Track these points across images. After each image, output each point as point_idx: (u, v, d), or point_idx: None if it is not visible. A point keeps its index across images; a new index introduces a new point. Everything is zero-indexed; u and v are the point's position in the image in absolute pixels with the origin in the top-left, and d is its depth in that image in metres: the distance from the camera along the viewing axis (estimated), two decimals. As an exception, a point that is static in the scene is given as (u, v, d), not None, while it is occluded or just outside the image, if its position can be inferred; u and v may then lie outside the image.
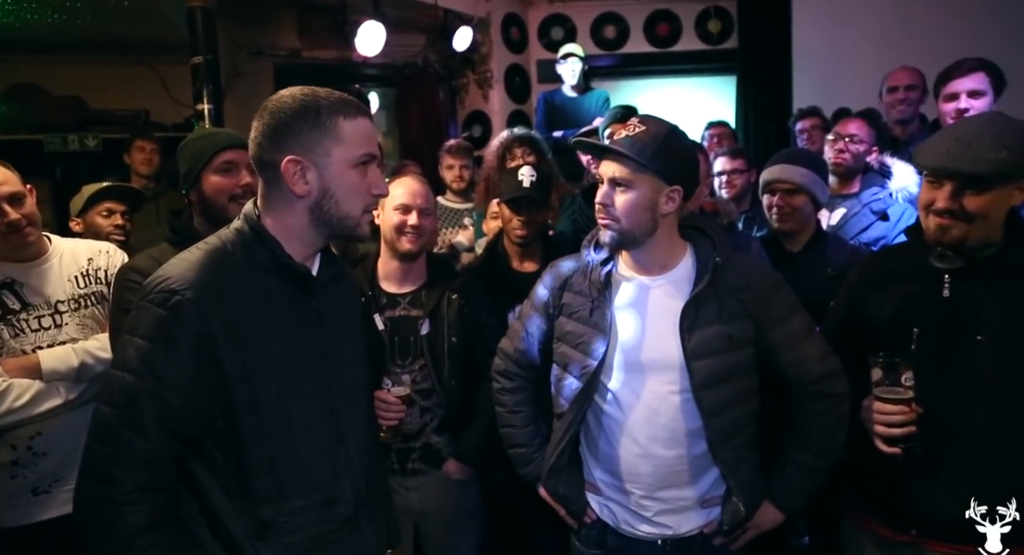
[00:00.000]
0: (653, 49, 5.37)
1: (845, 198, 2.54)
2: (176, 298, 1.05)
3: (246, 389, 1.09)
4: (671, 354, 1.45)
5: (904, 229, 1.62)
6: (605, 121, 3.22)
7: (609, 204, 1.44)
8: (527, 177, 2.16)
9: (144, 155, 3.62)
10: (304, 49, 4.82)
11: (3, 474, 1.77)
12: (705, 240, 1.52)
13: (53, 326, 1.83)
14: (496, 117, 5.21)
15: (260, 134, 1.14)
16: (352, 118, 1.15)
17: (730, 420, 1.46)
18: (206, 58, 3.38)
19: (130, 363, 1.05)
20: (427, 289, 1.98)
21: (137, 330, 1.07)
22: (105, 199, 2.62)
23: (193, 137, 1.76)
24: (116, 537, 1.03)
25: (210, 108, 3.39)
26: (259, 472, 1.11)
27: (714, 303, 1.45)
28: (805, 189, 2.14)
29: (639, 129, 1.43)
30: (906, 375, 1.36)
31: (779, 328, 1.47)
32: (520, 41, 5.35)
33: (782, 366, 1.49)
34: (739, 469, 1.48)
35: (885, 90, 3.04)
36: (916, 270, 1.47)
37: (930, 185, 1.40)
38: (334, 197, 1.15)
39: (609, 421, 1.52)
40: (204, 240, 1.19)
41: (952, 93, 2.46)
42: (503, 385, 1.76)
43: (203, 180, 1.66)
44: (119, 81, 4.53)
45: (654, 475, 1.49)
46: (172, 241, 1.64)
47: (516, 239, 2.20)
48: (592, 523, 1.61)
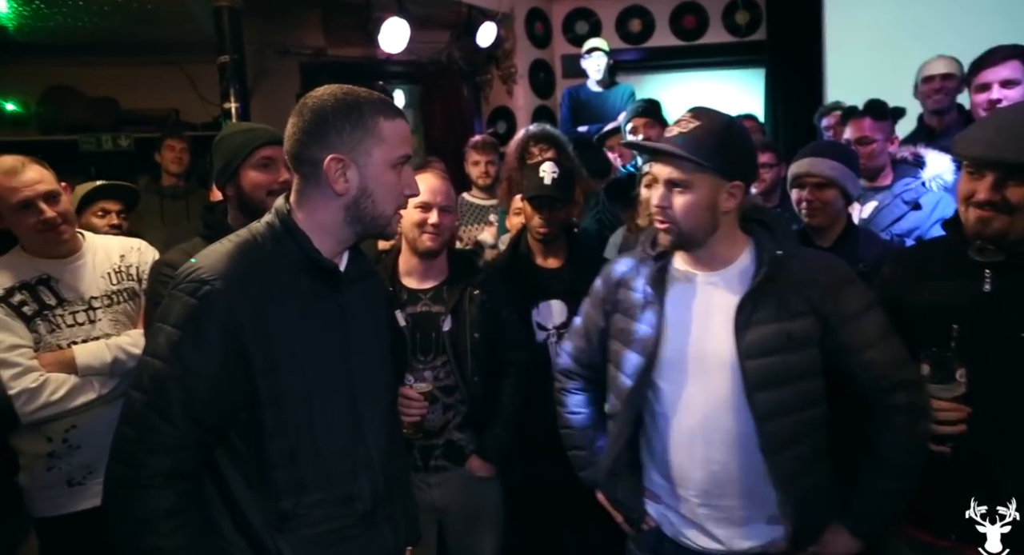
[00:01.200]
0: (679, 42, 5.30)
1: (877, 191, 2.48)
2: (206, 288, 1.06)
3: (269, 381, 1.10)
4: (724, 352, 1.37)
5: (942, 222, 1.56)
6: (627, 115, 3.20)
7: (667, 206, 1.37)
8: (548, 174, 2.15)
9: (174, 154, 3.68)
10: (329, 47, 4.87)
11: (40, 465, 1.82)
12: (766, 233, 1.43)
13: (87, 322, 1.87)
14: (521, 113, 5.20)
15: (300, 131, 1.14)
16: (392, 119, 1.17)
17: (786, 426, 1.34)
18: (232, 57, 3.44)
19: (159, 350, 1.07)
20: (449, 285, 1.98)
21: (168, 318, 1.08)
22: (98, 199, 2.61)
23: (230, 131, 1.78)
24: (140, 520, 1.05)
25: (237, 106, 3.45)
26: (279, 465, 1.13)
27: (774, 299, 1.35)
28: (836, 182, 2.08)
29: (693, 125, 1.35)
30: (960, 371, 1.32)
31: (850, 327, 1.35)
32: (544, 36, 5.33)
33: (852, 370, 1.36)
34: (794, 482, 1.36)
35: (920, 80, 2.94)
36: (954, 264, 1.42)
37: (970, 176, 1.35)
38: (371, 196, 1.16)
39: (663, 422, 1.45)
40: (235, 233, 1.21)
41: (984, 83, 2.38)
42: (564, 385, 1.71)
43: (241, 175, 1.68)
44: (150, 82, 4.62)
45: (708, 482, 1.41)
46: (205, 236, 1.66)
47: (537, 236, 2.19)
48: (650, 529, 1.55)
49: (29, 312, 1.79)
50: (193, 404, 1.06)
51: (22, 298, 1.79)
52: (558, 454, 2.07)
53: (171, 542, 1.05)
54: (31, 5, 3.59)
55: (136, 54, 4.48)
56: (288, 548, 1.14)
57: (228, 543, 1.14)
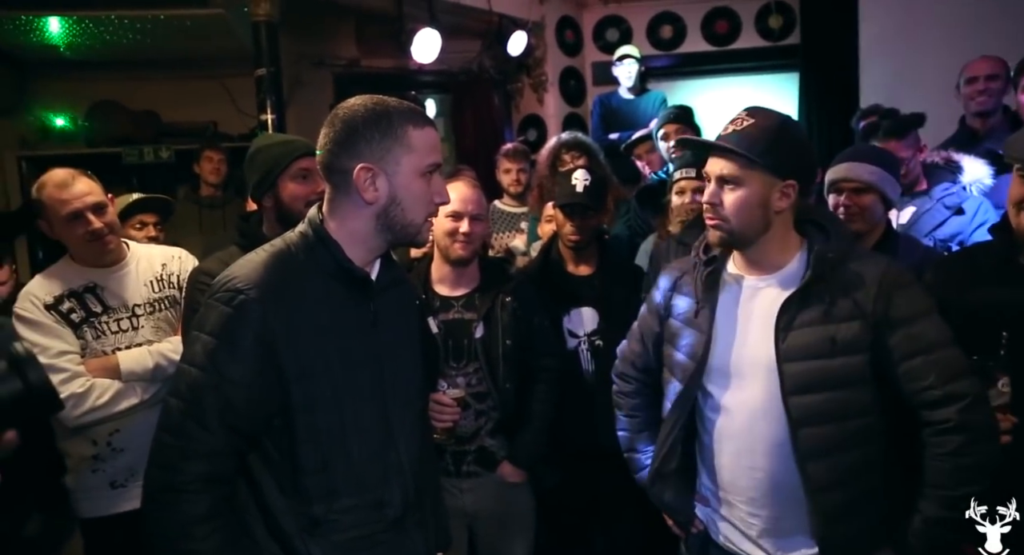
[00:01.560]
0: (711, 48, 5.25)
1: (913, 196, 2.42)
2: (241, 297, 1.09)
3: (302, 389, 1.12)
4: (764, 356, 1.35)
5: (989, 227, 1.51)
6: (659, 122, 3.18)
7: (717, 203, 1.35)
8: (580, 181, 2.15)
9: (212, 165, 3.78)
10: (362, 58, 4.94)
11: (85, 468, 1.87)
12: (821, 235, 1.39)
13: (131, 328, 1.92)
14: (551, 121, 5.21)
15: (331, 141, 1.16)
16: (421, 127, 1.17)
17: (822, 434, 1.29)
18: (269, 70, 3.51)
19: (196, 358, 1.10)
20: (481, 292, 1.99)
21: (204, 327, 1.11)
22: (136, 212, 2.68)
23: (265, 143, 1.81)
24: (177, 524, 1.08)
25: (273, 118, 3.52)
26: (311, 471, 1.14)
27: (820, 301, 1.31)
28: (875, 187, 2.03)
29: (747, 123, 1.34)
30: (1003, 380, 1.29)
31: (900, 332, 1.28)
32: (575, 44, 5.33)
33: (898, 378, 1.29)
34: (826, 494, 1.31)
35: (963, 81, 2.87)
36: (1003, 270, 1.38)
37: (1022, 179, 1.32)
38: (401, 205, 1.17)
39: (711, 427, 1.45)
40: (270, 242, 1.23)
41: None
42: (620, 388, 1.71)
43: (280, 187, 1.72)
44: (190, 95, 4.76)
45: (754, 489, 1.38)
46: (241, 245, 1.70)
47: (569, 243, 2.20)
48: (698, 532, 1.54)
49: (76, 319, 1.85)
50: (229, 411, 1.08)
51: (70, 306, 1.85)
52: (589, 461, 2.07)
53: (207, 546, 1.07)
54: (81, 24, 3.73)
55: (177, 69, 4.62)
56: (320, 553, 1.15)
57: (261, 548, 1.15)
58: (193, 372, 1.09)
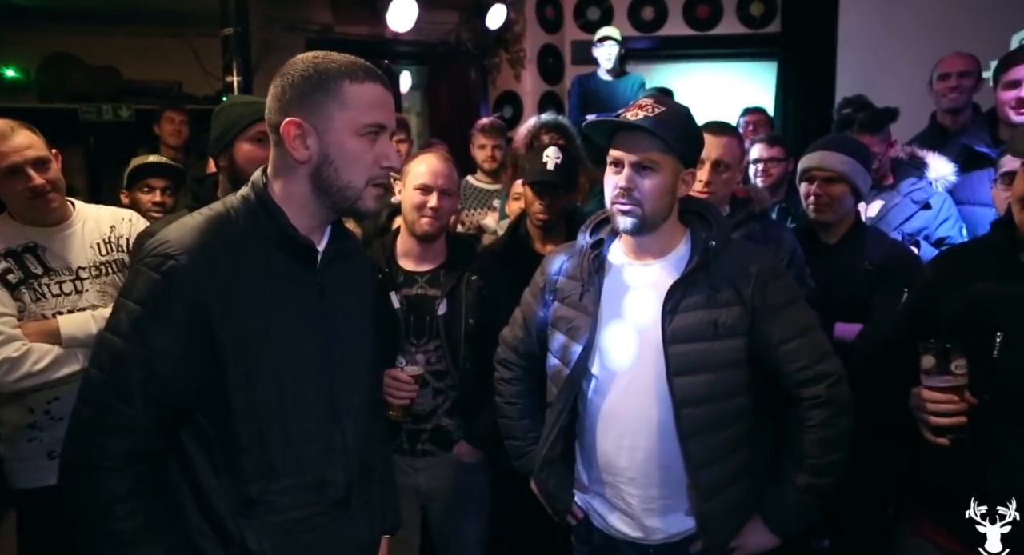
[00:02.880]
0: (692, 32, 5.21)
1: (880, 190, 2.43)
2: (171, 263, 1.01)
3: (239, 363, 1.05)
4: (652, 338, 1.38)
5: (991, 222, 1.51)
6: (637, 104, 3.13)
7: (633, 188, 1.36)
8: (552, 159, 2.10)
9: (173, 126, 3.63)
10: (336, 24, 4.80)
11: (21, 436, 1.79)
12: (703, 224, 1.45)
13: (74, 292, 1.83)
14: (528, 98, 5.13)
15: (271, 97, 1.10)
16: (359, 82, 1.08)
17: (703, 414, 1.36)
18: (236, 30, 3.39)
19: (120, 327, 1.02)
20: (446, 269, 1.94)
21: (130, 293, 1.03)
22: (145, 176, 2.59)
23: (232, 102, 1.74)
24: (95, 503, 1.01)
25: (239, 80, 3.41)
26: (248, 448, 1.08)
27: (704, 288, 1.37)
28: (846, 178, 2.04)
29: (659, 109, 1.35)
30: (957, 363, 1.29)
31: (775, 318, 1.37)
32: (555, 21, 5.24)
33: (774, 360, 1.38)
34: (704, 469, 1.37)
35: (936, 77, 2.88)
36: (1003, 267, 1.36)
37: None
38: (334, 164, 1.09)
39: (593, 409, 1.46)
40: (208, 206, 1.15)
41: (1014, 80, 2.32)
42: (501, 375, 1.71)
43: (236, 147, 1.63)
44: (153, 52, 4.55)
45: (635, 469, 1.42)
46: (194, 208, 1.62)
47: (537, 222, 2.16)
48: (580, 521, 1.56)
49: (14, 280, 1.75)
50: (154, 385, 1.02)
51: (7, 266, 1.75)
52: None
53: (128, 525, 1.01)
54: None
55: (140, 23, 4.42)
56: (253, 535, 1.09)
57: (193, 528, 1.09)
58: (116, 341, 1.02)
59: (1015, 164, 1.76)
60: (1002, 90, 2.39)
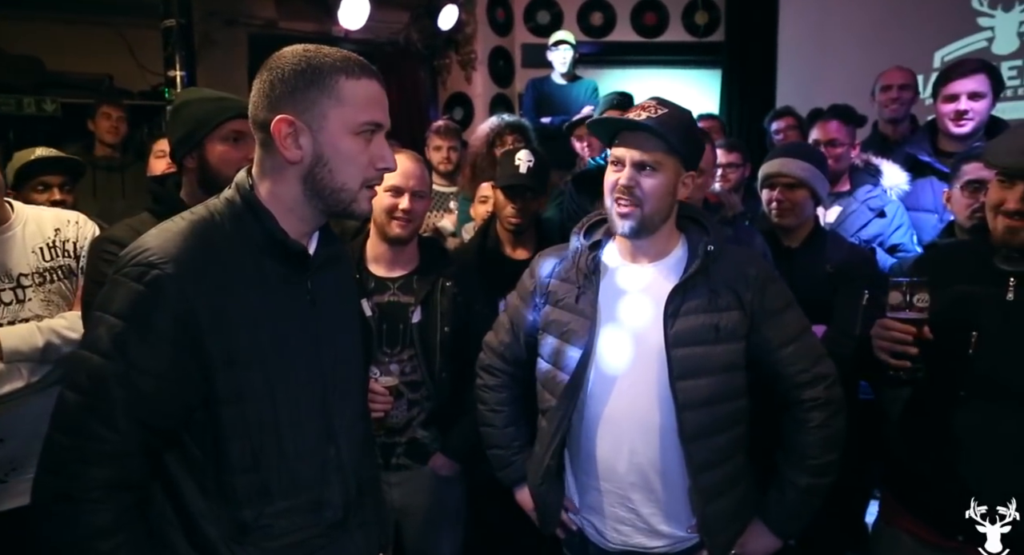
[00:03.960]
0: (639, 38, 5.32)
1: (838, 196, 2.53)
2: (155, 272, 0.93)
3: (229, 377, 0.98)
4: (653, 341, 1.37)
5: (960, 226, 1.58)
6: (601, 107, 3.15)
7: (634, 186, 1.36)
8: (524, 163, 2.08)
9: (110, 123, 3.41)
10: (281, 20, 4.64)
11: (-47, 461, 1.63)
12: (698, 229, 1.46)
13: (15, 301, 1.68)
14: (479, 100, 5.11)
15: (256, 92, 1.03)
16: (355, 77, 1.02)
17: (705, 416, 1.36)
18: (179, 22, 3.21)
19: (100, 343, 0.93)
20: (419, 275, 1.88)
21: (109, 306, 0.95)
22: (38, 173, 2.36)
23: (195, 97, 1.62)
24: (76, 538, 0.92)
25: (183, 75, 3.23)
26: (239, 469, 1.01)
27: (704, 292, 1.38)
28: (806, 184, 2.11)
29: (662, 111, 1.35)
30: (920, 296, 1.35)
31: (773, 322, 1.40)
32: (506, 23, 5.24)
33: (773, 364, 1.41)
34: (706, 472, 1.37)
35: (878, 89, 3.02)
36: (978, 271, 1.43)
37: (1000, 185, 1.37)
38: (328, 165, 1.02)
39: (590, 414, 1.44)
40: (190, 210, 1.06)
41: (952, 94, 2.46)
42: (486, 381, 1.66)
43: (207, 148, 1.53)
44: (80, 42, 4.28)
45: (634, 473, 1.41)
46: (155, 211, 1.52)
47: (509, 226, 2.12)
48: (574, 532, 1.54)
49: (-55, 290, 1.60)
50: (139, 405, 0.93)
51: (-63, 274, 1.59)
52: None
53: None
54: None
55: (65, 11, 4.13)
56: None
57: None
58: (95, 360, 0.93)
59: (980, 173, 1.87)
60: (941, 103, 2.52)
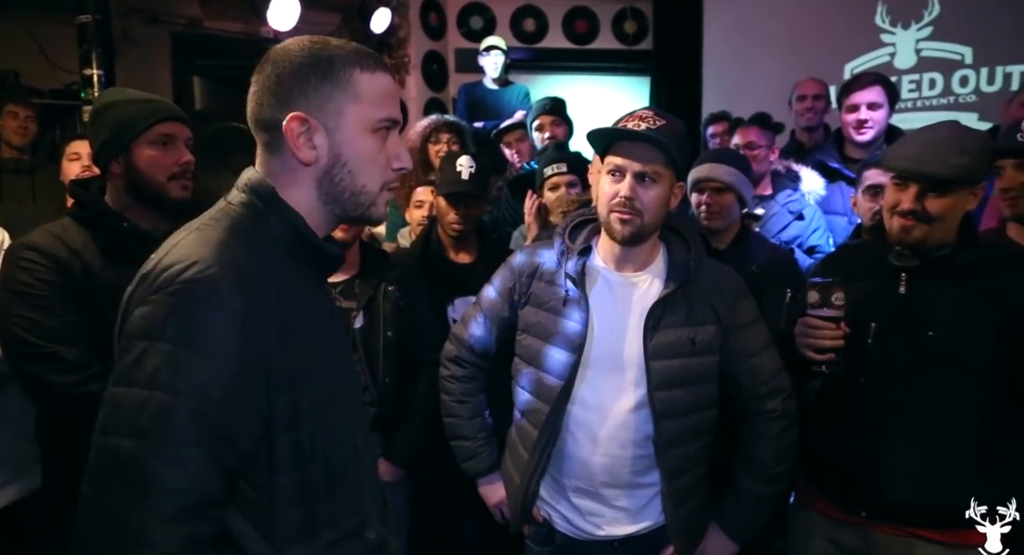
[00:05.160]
0: (571, 45, 5.43)
1: (760, 200, 2.67)
2: (213, 289, 0.81)
3: (289, 399, 0.87)
4: (633, 352, 1.42)
5: (866, 228, 1.71)
6: (534, 112, 3.21)
7: (635, 197, 1.36)
8: (466, 169, 2.10)
9: (18, 122, 3.20)
10: (206, 19, 4.47)
11: None
12: (677, 240, 1.49)
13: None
14: (413, 104, 5.08)
15: (261, 88, 0.93)
16: (371, 72, 0.94)
17: (680, 425, 1.42)
18: (95, 18, 3.05)
19: (157, 376, 0.78)
20: (361, 279, 1.87)
21: (161, 332, 0.80)
22: None
23: (120, 99, 1.55)
24: None
25: (100, 74, 3.07)
26: (293, 503, 0.89)
27: (683, 306, 1.42)
28: (733, 188, 2.21)
29: (660, 122, 1.36)
30: (836, 295, 1.44)
31: (741, 334, 1.46)
32: (439, 27, 5.24)
33: (737, 374, 1.47)
34: (677, 478, 1.44)
35: (795, 99, 3.21)
36: (876, 268, 1.53)
37: (896, 187, 1.47)
38: (347, 166, 0.94)
39: (571, 418, 1.46)
40: (210, 215, 0.93)
41: (853, 104, 2.64)
42: (452, 372, 1.66)
43: (135, 152, 1.48)
44: (-19, 36, 4.00)
45: (606, 475, 1.45)
46: (79, 217, 1.45)
47: (452, 233, 2.14)
48: (540, 525, 1.56)
49: None
50: (214, 441, 0.80)
51: None
52: None
53: None
54: None
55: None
56: None
57: None
58: (154, 396, 0.78)
59: (879, 178, 2.02)
60: (845, 113, 2.71)
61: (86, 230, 1.47)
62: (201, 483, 0.79)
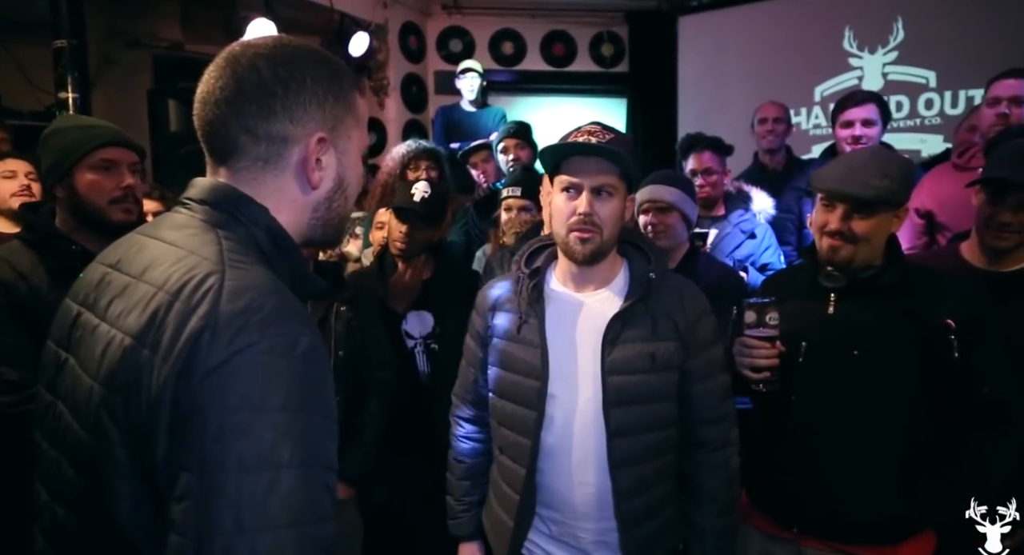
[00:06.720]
0: (549, 68, 5.53)
1: (714, 220, 2.72)
2: (305, 341, 0.71)
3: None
4: (591, 369, 1.37)
5: (801, 250, 1.73)
6: (499, 135, 3.28)
7: (593, 212, 1.33)
8: (420, 192, 2.13)
9: (-8, 144, 3.25)
10: (187, 42, 4.55)
11: None
12: (639, 255, 1.46)
13: None
14: (392, 126, 5.15)
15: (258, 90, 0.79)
16: (362, 94, 0.90)
17: (633, 445, 1.36)
18: (71, 42, 3.11)
19: (278, 451, 0.66)
20: (313, 299, 1.91)
21: (267, 399, 0.67)
22: None
23: (63, 125, 1.59)
24: None
25: (75, 97, 3.13)
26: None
27: (644, 321, 1.37)
28: (676, 207, 2.25)
29: (609, 135, 1.33)
30: (771, 315, 1.48)
31: (700, 355, 1.41)
32: (418, 50, 5.33)
33: (689, 395, 1.41)
34: (629, 500, 1.36)
35: (756, 122, 3.28)
36: (808, 288, 1.58)
37: (825, 208, 1.51)
38: (346, 192, 0.87)
39: (544, 445, 1.40)
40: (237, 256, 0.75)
41: (848, 121, 2.70)
42: (454, 430, 1.63)
43: (76, 176, 1.52)
44: (-38, 58, 4.05)
45: (586, 504, 1.38)
46: (27, 239, 1.49)
47: (395, 250, 2.16)
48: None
49: None
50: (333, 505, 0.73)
51: None
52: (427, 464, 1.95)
53: None
54: None
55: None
56: None
57: None
58: (285, 480, 0.66)
59: None
60: (840, 129, 2.76)
61: (34, 252, 1.51)
62: None
